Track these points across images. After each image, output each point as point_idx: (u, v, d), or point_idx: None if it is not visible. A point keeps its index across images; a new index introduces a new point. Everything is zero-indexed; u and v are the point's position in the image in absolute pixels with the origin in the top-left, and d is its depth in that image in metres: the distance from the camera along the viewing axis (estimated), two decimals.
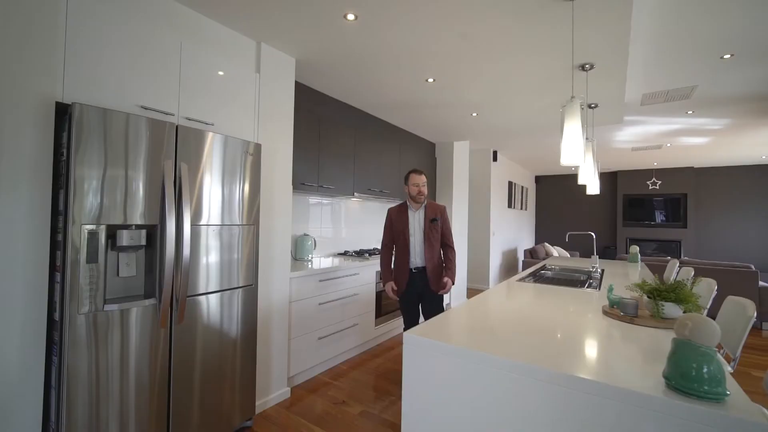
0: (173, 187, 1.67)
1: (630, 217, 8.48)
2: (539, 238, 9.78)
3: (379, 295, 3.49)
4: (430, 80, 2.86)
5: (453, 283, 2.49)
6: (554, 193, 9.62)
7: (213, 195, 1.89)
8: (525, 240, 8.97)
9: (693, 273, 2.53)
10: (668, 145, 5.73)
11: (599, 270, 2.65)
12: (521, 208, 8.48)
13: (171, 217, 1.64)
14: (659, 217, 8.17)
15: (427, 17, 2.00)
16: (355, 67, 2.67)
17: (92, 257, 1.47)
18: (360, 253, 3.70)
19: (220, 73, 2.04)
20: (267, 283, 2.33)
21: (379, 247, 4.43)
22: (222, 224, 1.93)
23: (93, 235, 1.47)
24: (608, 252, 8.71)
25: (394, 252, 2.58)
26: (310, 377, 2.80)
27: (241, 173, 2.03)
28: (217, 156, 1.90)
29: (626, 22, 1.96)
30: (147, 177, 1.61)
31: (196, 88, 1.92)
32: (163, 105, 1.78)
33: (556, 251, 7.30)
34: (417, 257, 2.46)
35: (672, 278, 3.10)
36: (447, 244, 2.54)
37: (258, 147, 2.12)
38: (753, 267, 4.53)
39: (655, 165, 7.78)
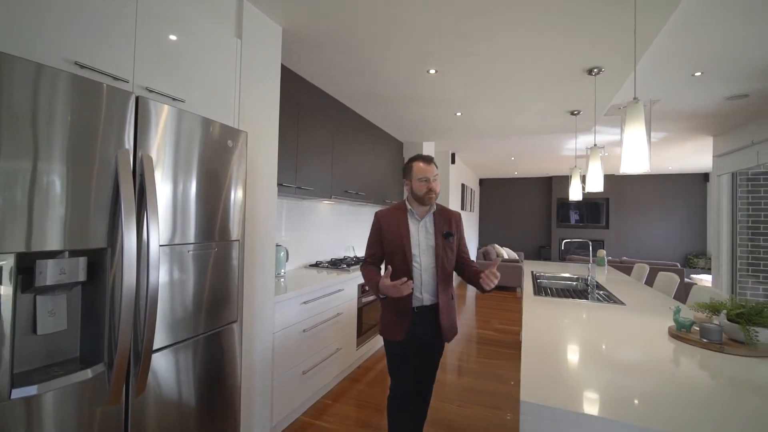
0: (132, 189, 1.10)
1: (562, 219, 9.23)
2: (483, 239, 10.16)
3: (361, 312, 3.08)
4: (432, 71, 2.55)
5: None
6: (496, 196, 10.08)
7: (188, 201, 1.33)
8: (471, 241, 9.21)
9: (678, 282, 2.61)
10: (606, 154, 6.25)
11: (594, 279, 2.61)
12: (470, 210, 8.67)
13: (130, 235, 1.06)
14: (582, 219, 9.04)
15: None
16: (351, 45, 2.23)
17: None
18: (335, 264, 3.24)
19: (191, 31, 1.46)
20: (250, 314, 1.79)
21: (353, 254, 4.00)
22: (201, 242, 1.37)
23: None
24: (544, 251, 9.38)
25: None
26: (293, 420, 2.29)
27: (225, 171, 1.48)
28: (194, 145, 1.34)
29: (659, 23, 1.88)
30: (87, 174, 1.02)
31: (158, 49, 1.33)
32: (111, 66, 1.18)
33: (505, 252, 7.59)
34: (425, 290, 1.65)
35: (644, 280, 3.24)
36: (465, 258, 1.80)
37: (243, 136, 1.58)
38: (679, 265, 5.13)
39: (572, 169, 8.55)
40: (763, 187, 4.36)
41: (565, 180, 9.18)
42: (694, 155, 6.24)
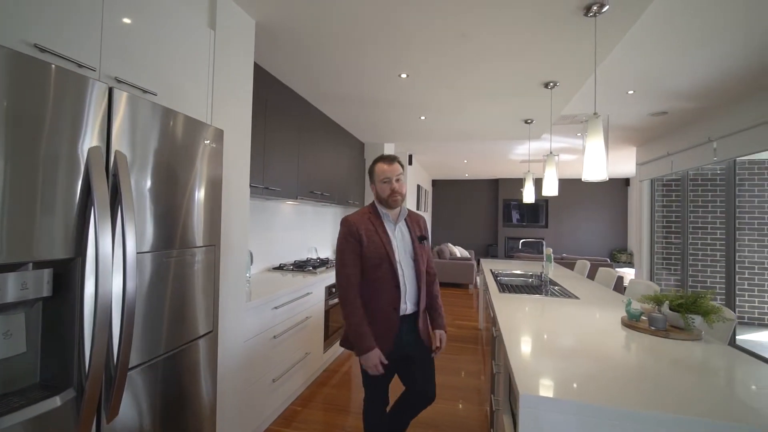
0: (106, 191, 0.98)
1: (508, 219, 9.88)
2: (435, 238, 10.51)
3: (328, 314, 3.04)
4: (403, 76, 2.59)
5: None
6: (448, 196, 10.48)
7: (163, 204, 1.22)
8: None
9: (617, 277, 2.95)
10: (544, 158, 6.81)
11: (548, 276, 2.85)
12: (424, 210, 8.93)
13: (105, 242, 0.95)
14: (523, 218, 9.77)
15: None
16: (326, 45, 2.19)
17: None
18: (300, 266, 3.16)
19: (163, 19, 1.34)
20: (223, 323, 1.69)
21: (316, 256, 3.91)
22: (178, 248, 1.27)
23: None
24: (491, 249, 9.96)
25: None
26: (263, 430, 2.20)
27: (202, 171, 1.38)
28: (169, 143, 1.23)
29: (611, 45, 2.10)
30: (53, 172, 0.89)
31: (127, 36, 1.20)
32: (75, 52, 1.04)
33: (457, 251, 7.93)
34: (408, 299, 1.57)
35: (586, 275, 3.60)
36: (432, 273, 1.74)
37: (220, 134, 1.49)
38: (609, 260, 5.76)
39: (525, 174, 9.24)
40: (674, 192, 5.06)
41: (510, 182, 9.84)
42: (619, 163, 7.04)
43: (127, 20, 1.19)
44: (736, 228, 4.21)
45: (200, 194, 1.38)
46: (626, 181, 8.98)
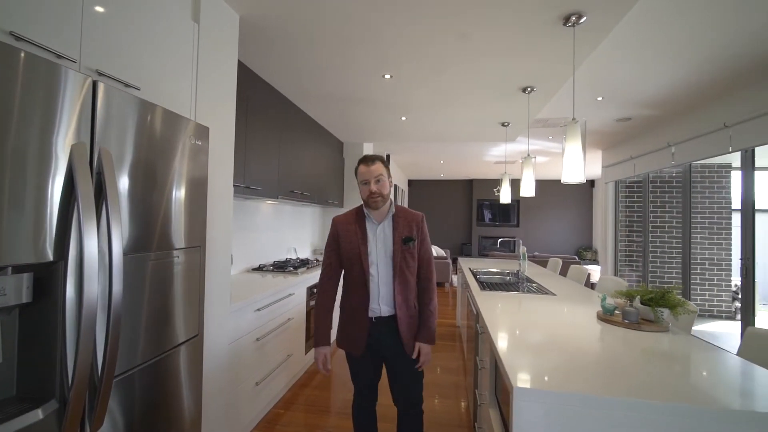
0: (91, 190, 0.93)
1: (481, 218, 10.14)
2: None
3: (309, 315, 3.00)
4: (387, 76, 2.60)
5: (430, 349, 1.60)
6: (423, 196, 10.62)
7: (150, 204, 1.16)
8: None
9: (588, 274, 3.11)
10: (521, 160, 7.06)
11: (524, 273, 2.97)
12: None
13: (91, 242, 0.90)
14: (494, 218, 10.07)
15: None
16: (311, 42, 2.16)
17: None
18: (280, 267, 3.10)
19: (146, 10, 1.28)
20: (208, 326, 1.63)
21: (295, 256, 3.85)
22: (164, 250, 1.22)
23: None
24: (465, 248, 10.19)
25: (340, 288, 1.66)
26: None
27: (188, 170, 1.33)
28: (155, 140, 1.18)
29: (585, 54, 2.21)
30: (32, 170, 0.84)
31: (109, 27, 1.14)
32: (54, 42, 0.97)
33: (434, 250, 8.05)
34: (382, 301, 1.54)
35: (558, 272, 3.77)
36: (426, 278, 1.62)
37: (206, 132, 1.44)
38: (577, 258, 6.05)
39: (502, 175, 9.52)
40: (636, 194, 5.39)
41: (484, 183, 10.10)
42: (586, 165, 7.41)
43: (108, 10, 1.13)
44: (691, 227, 4.55)
45: (185, 193, 1.33)
46: (591, 183, 9.46)
